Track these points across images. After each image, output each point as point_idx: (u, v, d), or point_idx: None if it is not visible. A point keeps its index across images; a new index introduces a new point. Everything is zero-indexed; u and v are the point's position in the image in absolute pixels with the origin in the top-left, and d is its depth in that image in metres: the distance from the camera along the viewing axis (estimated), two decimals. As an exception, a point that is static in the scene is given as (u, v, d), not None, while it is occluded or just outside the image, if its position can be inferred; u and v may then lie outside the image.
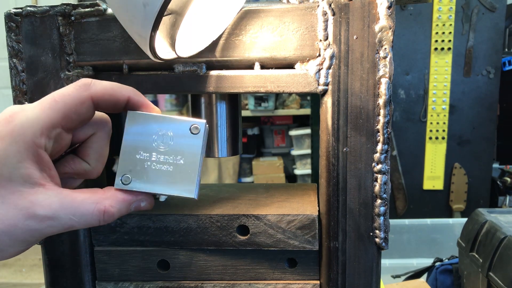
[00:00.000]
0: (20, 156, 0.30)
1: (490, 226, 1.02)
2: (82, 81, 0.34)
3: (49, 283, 0.48)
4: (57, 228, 0.32)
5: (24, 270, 2.41)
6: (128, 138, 0.36)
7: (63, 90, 0.33)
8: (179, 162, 0.36)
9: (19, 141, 0.30)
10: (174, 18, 0.36)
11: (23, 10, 0.43)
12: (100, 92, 0.34)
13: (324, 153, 0.44)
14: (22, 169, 0.31)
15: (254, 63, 0.43)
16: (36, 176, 0.31)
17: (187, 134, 0.36)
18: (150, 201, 0.37)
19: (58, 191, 0.32)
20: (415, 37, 2.08)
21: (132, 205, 0.35)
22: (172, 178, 0.36)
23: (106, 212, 0.33)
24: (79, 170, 0.37)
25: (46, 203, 0.31)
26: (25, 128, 0.31)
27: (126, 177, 0.35)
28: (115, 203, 0.34)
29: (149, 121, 0.36)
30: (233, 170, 2.94)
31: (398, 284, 1.23)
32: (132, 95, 0.35)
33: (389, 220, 0.43)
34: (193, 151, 0.36)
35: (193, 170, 0.36)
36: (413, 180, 2.17)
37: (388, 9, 0.40)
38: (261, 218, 0.45)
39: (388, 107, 0.41)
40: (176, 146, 0.36)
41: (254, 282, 0.47)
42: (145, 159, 0.36)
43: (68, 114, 0.33)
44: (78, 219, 0.32)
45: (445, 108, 2.11)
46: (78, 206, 0.32)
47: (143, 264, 0.47)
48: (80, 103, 0.33)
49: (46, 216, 0.31)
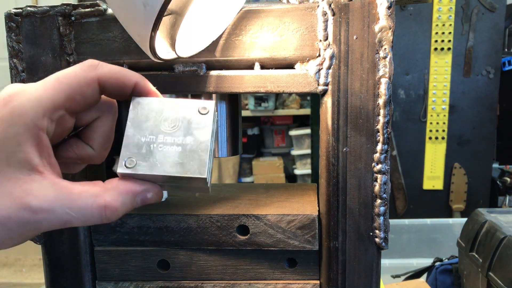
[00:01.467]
0: (19, 139, 0.28)
1: (490, 226, 1.02)
2: (89, 62, 0.32)
3: (49, 283, 0.48)
4: (53, 223, 0.29)
5: (24, 270, 2.41)
6: (132, 121, 0.33)
7: (68, 70, 0.31)
8: (188, 142, 0.33)
9: (19, 122, 0.28)
10: (174, 18, 0.36)
11: (23, 10, 0.43)
12: (107, 74, 0.32)
13: (324, 153, 0.44)
14: (21, 153, 0.28)
15: (254, 63, 0.43)
16: (35, 162, 0.28)
17: (196, 115, 0.34)
18: (157, 191, 0.33)
19: (55, 181, 0.29)
20: (415, 37, 2.08)
21: (137, 197, 0.31)
22: (180, 159, 0.32)
23: (108, 207, 0.29)
24: (82, 154, 0.34)
25: (40, 193, 0.28)
26: (25, 108, 0.28)
27: (130, 160, 0.32)
28: (118, 196, 0.30)
29: (155, 104, 0.34)
30: (233, 170, 2.95)
31: (398, 284, 1.23)
32: (139, 81, 0.34)
33: (389, 220, 0.43)
34: (203, 131, 0.33)
35: (203, 150, 0.33)
36: (413, 180, 2.17)
37: (388, 9, 0.40)
38: (261, 218, 0.45)
39: (388, 107, 0.41)
40: (184, 127, 0.33)
41: (254, 282, 0.47)
42: (151, 141, 0.33)
43: (72, 96, 0.30)
44: (76, 214, 0.29)
45: (445, 108, 2.11)
46: (75, 199, 0.29)
47: (143, 264, 0.47)
48: (86, 84, 0.31)
49: (41, 208, 0.28)
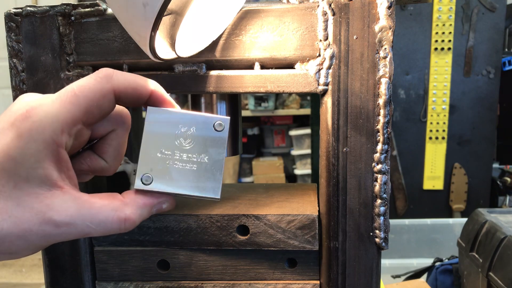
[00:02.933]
0: (38, 156, 0.28)
1: (490, 226, 1.02)
2: (104, 72, 0.31)
3: (49, 283, 0.48)
4: (73, 235, 0.30)
5: (24, 270, 2.40)
6: (148, 135, 0.34)
7: (83, 82, 0.31)
8: (203, 161, 0.34)
9: (38, 139, 0.28)
10: (174, 18, 0.36)
11: (23, 10, 0.43)
12: (122, 85, 0.32)
13: (324, 153, 0.44)
14: (40, 170, 0.28)
15: (254, 63, 0.43)
16: (54, 177, 0.29)
17: (211, 131, 0.34)
18: (172, 202, 0.34)
19: (75, 196, 0.30)
20: (415, 37, 2.08)
21: (153, 208, 0.33)
22: (196, 178, 0.33)
23: (127, 219, 0.31)
24: (95, 167, 0.35)
25: (62, 208, 0.29)
26: (44, 125, 0.28)
27: (147, 176, 0.33)
28: (136, 209, 0.32)
29: (170, 118, 0.34)
30: (233, 170, 2.95)
31: (398, 284, 1.23)
32: (155, 90, 0.33)
33: (389, 220, 0.43)
34: (217, 149, 0.34)
35: (217, 169, 0.34)
36: (413, 180, 2.17)
37: (388, 9, 0.40)
38: (261, 218, 0.45)
39: (388, 107, 0.41)
40: (200, 144, 0.34)
41: (254, 282, 0.47)
42: (167, 158, 0.33)
43: (89, 109, 0.30)
44: (96, 227, 0.30)
45: (445, 108, 2.11)
46: (96, 213, 0.30)
47: (143, 264, 0.47)
48: (102, 96, 0.31)
49: (63, 222, 0.29)
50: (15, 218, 0.28)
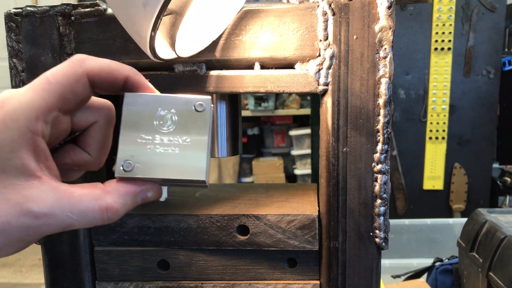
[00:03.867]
0: (14, 145, 0.27)
1: (490, 226, 1.02)
2: (76, 57, 0.31)
3: (49, 283, 0.48)
4: (54, 227, 0.28)
5: (24, 270, 2.41)
6: (127, 121, 0.32)
7: (56, 69, 0.30)
8: (185, 143, 0.32)
9: (12, 128, 0.27)
10: (174, 18, 0.36)
11: (23, 10, 0.43)
12: (96, 68, 0.31)
13: (324, 153, 0.44)
14: (16, 159, 0.27)
15: (254, 63, 0.43)
16: (32, 167, 0.28)
17: (192, 112, 0.33)
18: (157, 189, 0.33)
19: (54, 186, 0.29)
20: (415, 37, 2.08)
21: (137, 197, 0.32)
22: (179, 161, 0.32)
23: (109, 208, 0.29)
24: (79, 160, 0.33)
25: (40, 198, 0.28)
26: (18, 113, 0.28)
27: (128, 163, 0.31)
28: (118, 198, 0.30)
29: (148, 101, 0.33)
30: (233, 170, 2.95)
31: (398, 284, 1.23)
32: (131, 74, 0.32)
33: (389, 220, 0.43)
34: (200, 130, 0.33)
35: (201, 151, 0.32)
36: (413, 180, 2.17)
37: (388, 9, 0.40)
38: (261, 218, 0.45)
39: (388, 107, 0.41)
40: (181, 126, 0.33)
41: (254, 282, 0.47)
42: (148, 142, 0.32)
43: (64, 95, 0.30)
44: (77, 217, 0.29)
45: (445, 108, 2.11)
46: (76, 202, 0.29)
47: (143, 264, 0.47)
48: (75, 81, 0.30)
49: (41, 213, 0.28)
50: None
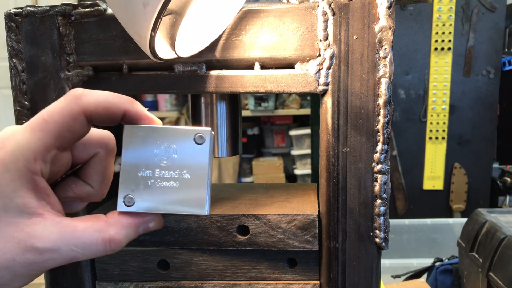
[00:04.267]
0: (14, 185, 0.28)
1: (490, 226, 1.02)
2: (72, 93, 0.31)
3: (49, 283, 0.48)
4: (59, 261, 0.29)
5: (24, 270, 2.41)
6: (127, 155, 0.33)
7: (52, 107, 0.30)
8: (185, 177, 0.33)
9: (12, 168, 0.28)
10: (174, 18, 0.36)
11: (23, 10, 0.43)
12: (93, 105, 0.30)
13: (324, 153, 0.44)
14: (18, 199, 0.28)
15: (254, 63, 0.43)
16: (33, 205, 0.29)
17: (192, 145, 0.33)
18: (158, 220, 0.34)
19: (57, 221, 0.29)
20: (415, 37, 2.08)
21: (140, 228, 0.32)
22: (179, 195, 0.33)
23: (112, 240, 0.30)
24: (81, 193, 0.34)
25: (44, 234, 0.28)
26: (17, 154, 0.28)
27: (129, 197, 0.32)
28: (121, 229, 0.31)
29: (149, 134, 0.33)
30: (233, 170, 2.95)
31: (398, 284, 1.23)
32: (129, 108, 0.32)
33: (389, 220, 0.43)
34: (199, 163, 0.33)
35: (201, 184, 0.33)
36: (413, 180, 2.17)
37: (388, 9, 0.40)
38: (261, 218, 0.45)
39: (388, 107, 0.41)
40: (181, 159, 0.33)
41: (254, 282, 0.47)
42: (148, 177, 0.33)
43: (61, 133, 0.30)
44: (81, 250, 0.29)
45: (445, 108, 2.11)
46: (79, 236, 0.29)
47: (143, 264, 0.47)
48: (72, 119, 0.30)
49: (46, 248, 0.28)
50: None
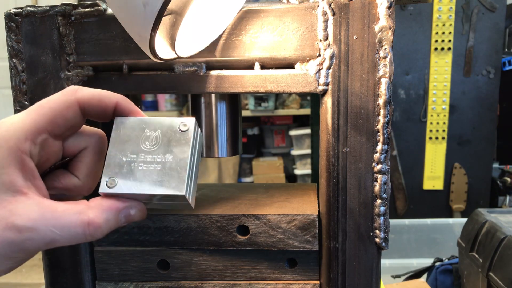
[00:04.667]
0: (3, 162, 0.29)
1: (490, 226, 1.02)
2: (69, 87, 0.33)
3: (49, 283, 0.48)
4: (37, 242, 0.29)
5: (24, 270, 2.41)
6: (114, 142, 0.34)
7: (50, 97, 0.33)
8: (167, 160, 0.34)
9: (3, 146, 0.29)
10: (174, 18, 0.36)
11: (23, 10, 0.43)
12: (87, 97, 0.33)
13: (324, 153, 0.44)
14: (4, 176, 0.29)
15: (254, 63, 0.43)
16: (19, 184, 0.29)
17: (176, 132, 0.35)
18: (140, 208, 0.34)
19: (39, 201, 0.30)
20: (415, 37, 2.08)
21: (120, 214, 0.33)
22: (160, 177, 0.34)
23: (91, 223, 0.30)
24: (68, 185, 0.35)
25: (25, 212, 0.29)
26: (9, 133, 0.30)
27: (112, 179, 0.33)
28: (101, 213, 0.31)
29: (136, 124, 0.35)
30: (233, 170, 2.94)
31: (398, 284, 1.23)
32: (120, 101, 0.34)
33: (389, 220, 0.43)
34: (182, 148, 0.34)
35: (182, 167, 0.34)
36: (413, 180, 2.17)
37: (388, 9, 0.40)
38: (261, 218, 0.45)
39: (388, 107, 0.41)
40: (164, 145, 0.35)
41: (254, 282, 0.47)
42: (132, 160, 0.34)
43: (54, 119, 0.32)
44: (60, 232, 0.29)
45: (445, 108, 2.11)
46: (59, 217, 0.29)
47: (143, 264, 0.47)
48: (66, 107, 0.32)
49: (25, 226, 0.29)
50: None
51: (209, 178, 2.90)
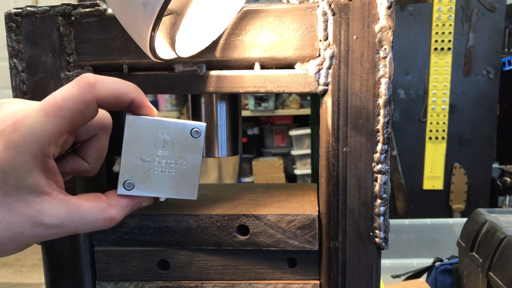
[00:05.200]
0: (27, 167, 0.30)
1: (490, 226, 1.02)
2: (85, 80, 0.32)
3: (49, 283, 0.48)
4: (63, 234, 0.32)
5: (24, 270, 2.40)
6: (128, 143, 0.36)
7: (65, 92, 0.31)
8: (181, 166, 0.37)
9: (26, 151, 0.30)
10: (174, 18, 0.36)
11: (23, 10, 0.43)
12: (105, 94, 0.32)
13: (324, 153, 0.44)
14: (29, 179, 0.30)
15: (254, 63, 0.43)
16: (43, 185, 0.31)
17: (188, 138, 0.37)
18: (151, 200, 0.38)
19: (64, 200, 0.32)
20: (415, 37, 2.08)
21: (135, 207, 0.37)
22: (175, 182, 0.37)
23: (112, 219, 0.34)
24: (78, 169, 0.37)
25: (52, 212, 0.31)
26: (31, 138, 0.30)
27: (129, 182, 0.36)
28: (120, 210, 0.35)
29: (149, 125, 0.36)
30: (233, 170, 2.95)
31: (398, 284, 1.23)
32: (135, 97, 0.35)
33: (389, 220, 0.43)
34: (194, 155, 0.37)
35: (194, 173, 0.37)
36: (413, 180, 2.17)
37: (388, 9, 0.40)
38: (261, 218, 0.45)
39: (388, 107, 0.41)
40: (178, 150, 0.37)
41: (254, 282, 0.47)
42: (147, 164, 0.36)
43: (73, 119, 0.32)
44: (84, 226, 0.33)
45: (445, 108, 2.11)
46: (84, 214, 0.33)
47: (143, 264, 0.47)
48: (85, 107, 0.32)
49: (53, 224, 0.31)
50: (6, 223, 0.30)
51: (209, 178, 2.90)
